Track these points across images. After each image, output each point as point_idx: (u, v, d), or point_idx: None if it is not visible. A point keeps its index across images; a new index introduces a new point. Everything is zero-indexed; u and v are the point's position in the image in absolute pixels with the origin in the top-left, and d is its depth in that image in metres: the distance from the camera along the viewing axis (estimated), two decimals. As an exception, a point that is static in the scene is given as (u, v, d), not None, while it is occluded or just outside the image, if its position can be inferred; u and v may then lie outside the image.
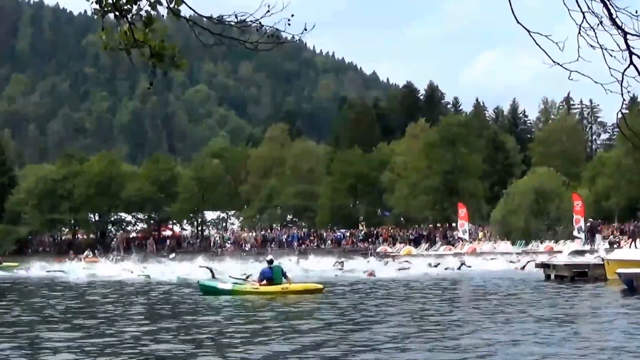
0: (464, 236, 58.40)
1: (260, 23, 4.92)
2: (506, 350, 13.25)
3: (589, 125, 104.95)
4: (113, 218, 78.58)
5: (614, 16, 4.81)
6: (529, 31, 4.96)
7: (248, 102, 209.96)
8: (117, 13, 4.81)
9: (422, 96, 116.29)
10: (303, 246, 66.44)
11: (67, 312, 21.49)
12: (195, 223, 78.05)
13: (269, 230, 75.58)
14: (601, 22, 4.86)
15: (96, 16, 4.87)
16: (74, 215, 75.05)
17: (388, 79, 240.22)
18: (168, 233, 78.91)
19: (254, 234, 73.00)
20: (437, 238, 62.87)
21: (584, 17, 4.85)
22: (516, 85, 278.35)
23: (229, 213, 79.87)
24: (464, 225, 58.42)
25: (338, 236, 69.32)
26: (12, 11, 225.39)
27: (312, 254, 50.50)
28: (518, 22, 4.97)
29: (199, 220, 77.60)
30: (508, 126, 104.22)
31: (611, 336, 14.91)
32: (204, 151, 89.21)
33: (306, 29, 5.12)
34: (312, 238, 70.18)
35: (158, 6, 4.90)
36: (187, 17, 5.03)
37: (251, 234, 73.36)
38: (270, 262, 26.58)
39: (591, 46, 4.92)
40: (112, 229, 78.60)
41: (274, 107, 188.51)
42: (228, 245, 70.21)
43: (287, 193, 76.05)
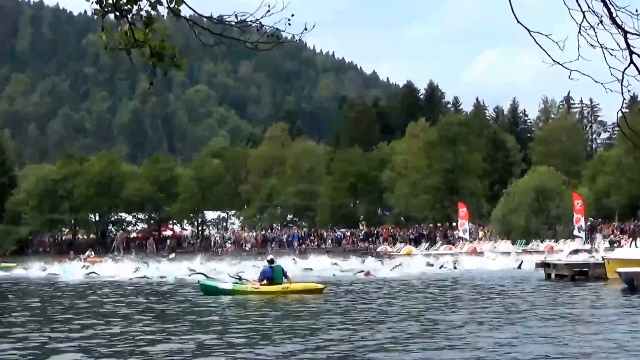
0: (465, 235, 58.39)
1: (260, 23, 4.92)
2: (507, 349, 13.25)
3: (589, 124, 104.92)
4: (113, 218, 78.55)
5: (614, 15, 4.82)
6: (529, 30, 4.96)
7: (248, 102, 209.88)
8: (118, 13, 4.81)
9: (422, 96, 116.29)
10: (303, 246, 66.46)
11: (67, 313, 21.48)
12: (195, 223, 78.03)
13: (270, 230, 75.54)
14: (601, 21, 4.86)
15: (96, 16, 4.87)
16: (74, 215, 75.04)
17: (388, 79, 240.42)
18: (168, 233, 78.89)
19: (255, 234, 73.00)
20: (438, 237, 62.89)
21: (584, 17, 4.85)
22: (516, 84, 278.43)
23: (230, 213, 79.84)
24: (465, 224, 58.40)
25: (338, 236, 69.29)
26: (12, 11, 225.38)
27: (312, 254, 50.45)
28: (518, 22, 4.97)
29: (200, 220, 77.58)
30: (508, 125, 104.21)
31: (612, 335, 14.90)
32: (204, 151, 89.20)
33: (306, 29, 5.11)
34: (313, 238, 70.15)
35: (158, 6, 4.90)
36: (187, 17, 5.03)
37: (251, 234, 73.35)
38: (271, 262, 26.56)
39: (591, 45, 4.92)
40: (113, 229, 78.55)
41: (274, 107, 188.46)
42: (228, 245, 70.21)
43: (287, 192, 76.04)
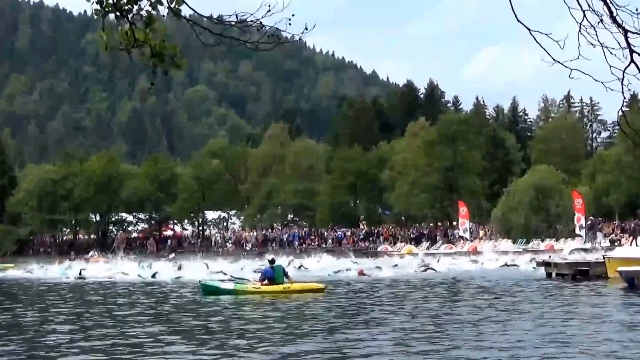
0: (465, 235, 58.36)
1: (260, 23, 4.92)
2: (507, 349, 13.25)
3: (589, 123, 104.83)
4: (114, 218, 78.49)
5: (615, 14, 4.82)
6: (529, 29, 4.96)
7: (247, 101, 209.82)
8: (118, 13, 4.80)
9: (422, 94, 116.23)
10: (304, 245, 66.40)
11: (65, 313, 21.48)
12: (196, 223, 77.98)
13: (270, 229, 75.48)
14: (601, 20, 4.86)
15: (97, 16, 4.87)
16: (75, 215, 74.99)
17: (388, 77, 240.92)
18: (169, 233, 78.85)
19: (255, 234, 72.94)
20: (438, 237, 62.85)
21: (584, 15, 4.85)
22: (516, 83, 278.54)
23: (230, 212, 79.78)
24: (465, 223, 58.35)
25: (339, 235, 69.25)
26: (12, 10, 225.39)
27: (313, 254, 50.41)
28: (518, 21, 4.97)
29: (200, 220, 77.53)
30: (508, 124, 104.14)
31: (612, 334, 14.90)
32: (204, 150, 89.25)
33: (307, 29, 5.11)
34: (314, 237, 70.08)
35: (159, 6, 4.89)
36: (188, 17, 5.02)
37: (252, 234, 73.28)
38: (271, 262, 26.60)
39: (591, 44, 4.92)
40: (113, 229, 78.50)
41: (274, 106, 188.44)
42: (229, 245, 70.16)
43: (287, 191, 75.97)
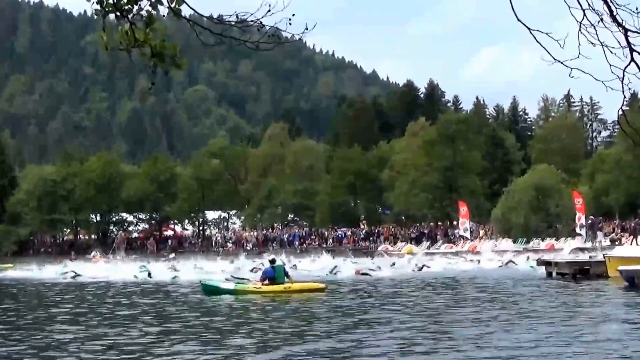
0: (465, 234, 58.36)
1: (261, 23, 4.92)
2: (508, 348, 13.25)
3: (589, 122, 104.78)
4: (114, 218, 78.45)
5: (615, 13, 4.82)
6: (529, 29, 4.96)
7: (247, 101, 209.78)
8: (118, 13, 4.80)
9: (422, 94, 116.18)
10: (304, 245, 66.36)
11: (64, 314, 21.49)
12: (196, 223, 77.95)
13: (271, 229, 75.45)
14: (602, 19, 4.86)
15: (97, 16, 4.87)
16: (75, 215, 74.97)
17: (388, 77, 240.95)
18: (169, 233, 78.82)
19: (255, 234, 72.91)
20: (439, 236, 62.84)
21: (585, 14, 4.85)
22: (516, 82, 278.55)
23: (230, 212, 79.75)
24: (465, 223, 58.34)
25: (339, 235, 69.23)
26: (12, 10, 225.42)
27: (313, 254, 50.39)
28: (518, 20, 4.97)
29: (200, 220, 77.50)
30: (508, 124, 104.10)
31: (613, 333, 14.90)
32: (204, 150, 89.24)
33: (307, 29, 5.10)
34: (314, 237, 70.02)
35: (159, 6, 4.89)
36: (188, 17, 5.02)
37: (252, 234, 73.25)
38: (272, 262, 26.66)
39: (591, 43, 4.92)
40: (114, 229, 78.47)
41: (273, 106, 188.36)
42: (229, 244, 70.11)
43: (287, 191, 75.91)
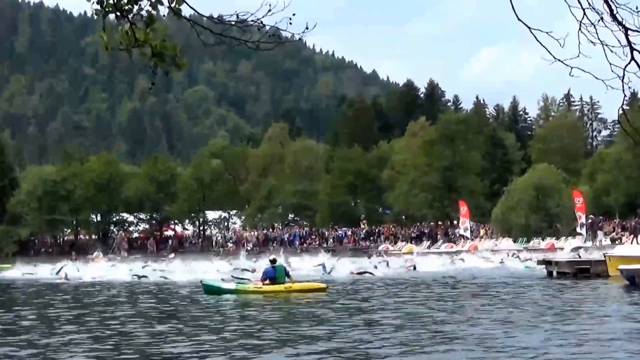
0: (466, 234, 58.36)
1: (261, 22, 4.92)
2: (509, 348, 13.25)
3: (590, 122, 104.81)
4: (115, 218, 78.43)
5: (615, 12, 4.82)
6: (530, 28, 4.96)
7: (247, 101, 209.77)
8: (118, 13, 4.80)
9: (422, 94, 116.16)
10: (305, 245, 66.33)
11: (65, 314, 21.49)
12: (197, 223, 77.94)
13: (271, 229, 75.45)
14: (602, 18, 4.86)
15: (97, 16, 4.87)
16: (75, 216, 74.93)
17: (388, 77, 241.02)
18: (170, 233, 78.81)
19: (256, 233, 72.90)
20: (439, 236, 62.84)
21: (585, 13, 4.85)
22: (516, 82, 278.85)
23: (231, 212, 79.74)
24: (466, 222, 58.35)
25: (340, 235, 69.23)
26: (12, 10, 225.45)
27: (313, 253, 50.38)
28: (519, 19, 4.97)
29: (201, 220, 77.49)
30: (508, 123, 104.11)
31: (614, 333, 14.90)
32: (204, 151, 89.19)
33: (307, 28, 5.10)
34: (314, 237, 70.00)
35: (159, 6, 4.89)
36: (188, 17, 5.02)
37: (253, 233, 73.23)
38: (273, 262, 26.66)
39: (592, 42, 4.92)
40: (114, 229, 78.44)
41: (273, 106, 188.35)
42: (230, 244, 70.09)
43: (286, 191, 75.90)
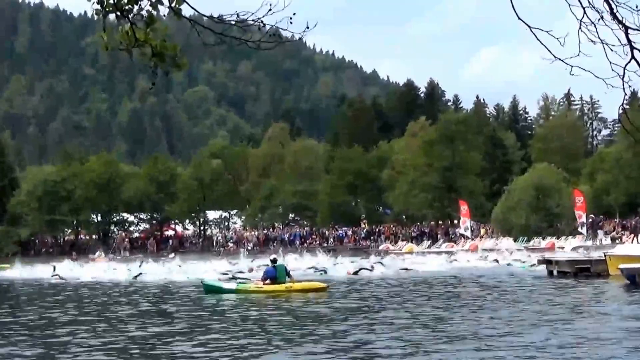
0: (466, 233, 58.35)
1: (262, 22, 4.92)
2: (510, 347, 13.25)
3: (590, 121, 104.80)
4: (116, 219, 78.43)
5: (615, 11, 4.82)
6: (530, 26, 4.96)
7: (247, 101, 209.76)
8: (119, 13, 4.80)
9: (422, 94, 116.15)
10: (305, 244, 66.31)
11: (64, 315, 21.50)
12: (197, 223, 77.95)
13: (272, 229, 75.46)
14: (602, 17, 4.86)
15: (97, 16, 4.87)
16: (76, 216, 74.91)
17: (388, 77, 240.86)
18: (171, 233, 78.83)
19: (256, 233, 72.89)
20: (439, 235, 62.83)
21: (585, 12, 4.85)
22: (516, 82, 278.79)
23: (231, 212, 79.76)
24: (466, 222, 58.33)
25: (340, 234, 69.22)
26: (12, 10, 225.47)
27: (312, 253, 50.38)
28: (519, 18, 4.97)
29: (201, 219, 77.50)
30: (508, 123, 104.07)
31: (614, 332, 14.91)
32: (204, 150, 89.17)
33: (308, 27, 5.10)
34: (315, 236, 69.99)
35: (159, 6, 4.89)
36: (189, 17, 5.02)
37: (253, 233, 73.23)
38: (274, 262, 26.68)
39: (592, 41, 4.92)
40: (115, 230, 78.44)
41: (273, 106, 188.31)
42: (230, 244, 70.10)
43: (287, 191, 75.88)
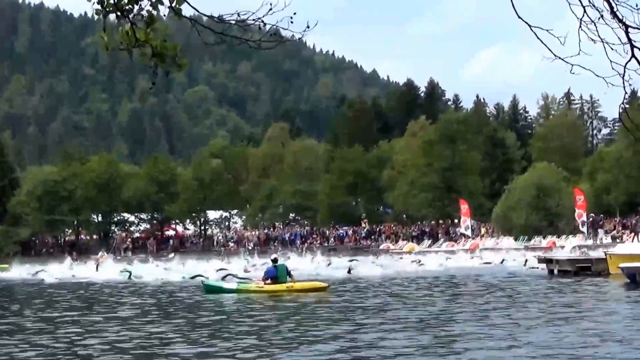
0: (467, 232, 58.36)
1: (262, 22, 4.92)
2: (510, 347, 13.26)
3: (590, 120, 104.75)
4: (116, 219, 78.43)
5: (615, 9, 4.82)
6: (530, 25, 4.96)
7: (247, 101, 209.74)
8: (119, 13, 4.80)
9: (422, 93, 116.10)
10: (306, 244, 66.29)
11: (63, 314, 21.50)
12: (198, 222, 77.96)
13: (272, 229, 75.46)
14: (602, 16, 4.86)
15: (97, 16, 4.87)
16: (76, 216, 74.91)
17: (388, 77, 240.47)
18: (171, 233, 78.83)
19: (257, 233, 72.89)
20: (440, 235, 62.82)
21: (585, 11, 4.85)
22: (516, 82, 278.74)
23: (232, 212, 79.77)
24: (467, 221, 58.34)
25: (341, 234, 69.21)
26: (12, 10, 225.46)
27: (312, 253, 50.49)
28: (519, 17, 4.97)
29: (202, 219, 77.51)
30: (509, 122, 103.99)
31: (615, 331, 14.91)
32: (204, 150, 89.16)
33: (308, 27, 5.10)
34: (315, 236, 69.98)
35: (159, 6, 4.89)
36: (189, 17, 5.02)
37: (254, 233, 73.23)
38: (274, 261, 26.71)
39: (592, 40, 4.92)
40: (115, 230, 78.44)
41: (273, 106, 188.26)
42: (231, 244, 70.09)
43: (287, 191, 75.87)
